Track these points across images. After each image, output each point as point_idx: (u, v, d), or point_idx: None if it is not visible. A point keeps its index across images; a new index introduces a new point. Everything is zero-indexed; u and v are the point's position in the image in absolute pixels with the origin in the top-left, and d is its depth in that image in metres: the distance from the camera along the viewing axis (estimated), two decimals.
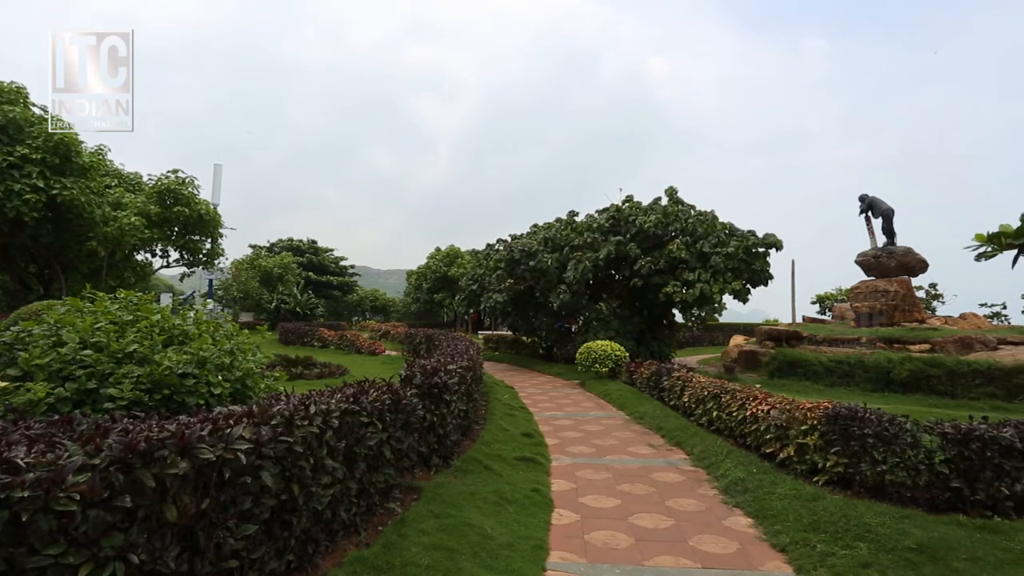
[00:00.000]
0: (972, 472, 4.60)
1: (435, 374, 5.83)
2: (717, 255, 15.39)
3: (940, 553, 3.84)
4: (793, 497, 4.92)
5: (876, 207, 18.17)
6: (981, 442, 4.62)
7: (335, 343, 22.95)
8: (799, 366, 13.85)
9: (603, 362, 13.66)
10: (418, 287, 46.25)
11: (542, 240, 19.10)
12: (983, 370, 11.68)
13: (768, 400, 6.50)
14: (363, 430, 4.11)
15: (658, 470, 6.40)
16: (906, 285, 16.98)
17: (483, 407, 9.12)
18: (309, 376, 13.11)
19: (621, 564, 4.00)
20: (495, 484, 5.38)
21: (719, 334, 30.31)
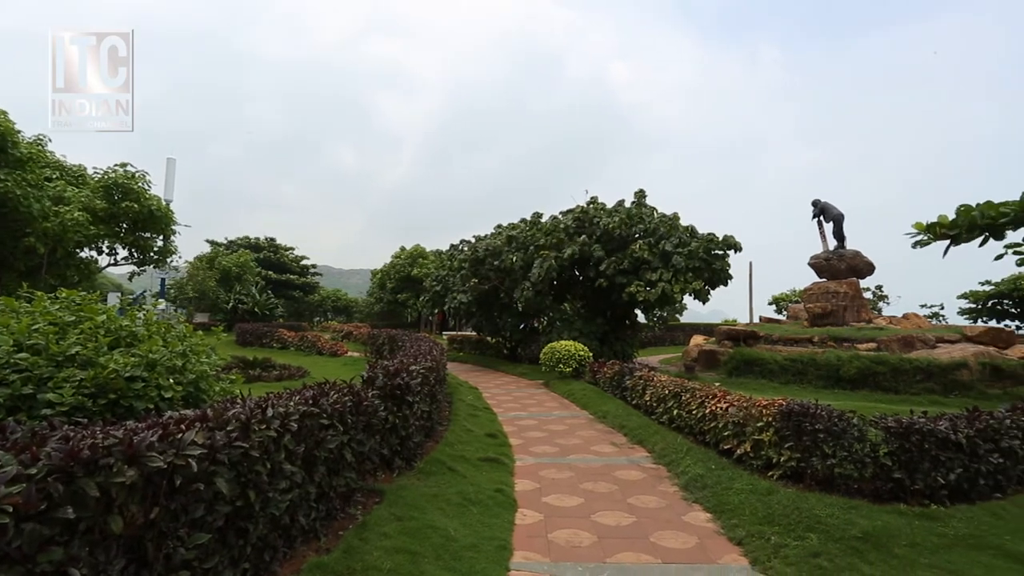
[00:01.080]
0: (912, 463, 4.85)
1: (398, 375, 5.76)
2: (679, 255, 15.74)
3: (883, 540, 4.04)
4: (749, 492, 5.07)
5: (828, 212, 18.94)
6: (920, 435, 4.87)
7: (295, 344, 22.37)
8: (756, 365, 14.31)
9: (567, 362, 13.78)
10: (381, 287, 45.55)
11: (507, 240, 19.12)
12: (923, 367, 12.33)
13: (726, 398, 6.69)
14: (323, 433, 4.02)
15: (621, 468, 6.50)
16: (855, 287, 17.76)
17: (447, 408, 9.06)
18: (268, 378, 12.73)
19: (584, 562, 4.04)
20: (459, 485, 5.35)
21: (680, 334, 30.99)
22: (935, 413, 5.42)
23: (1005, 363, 12.45)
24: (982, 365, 12.30)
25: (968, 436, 5.01)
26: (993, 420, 5.34)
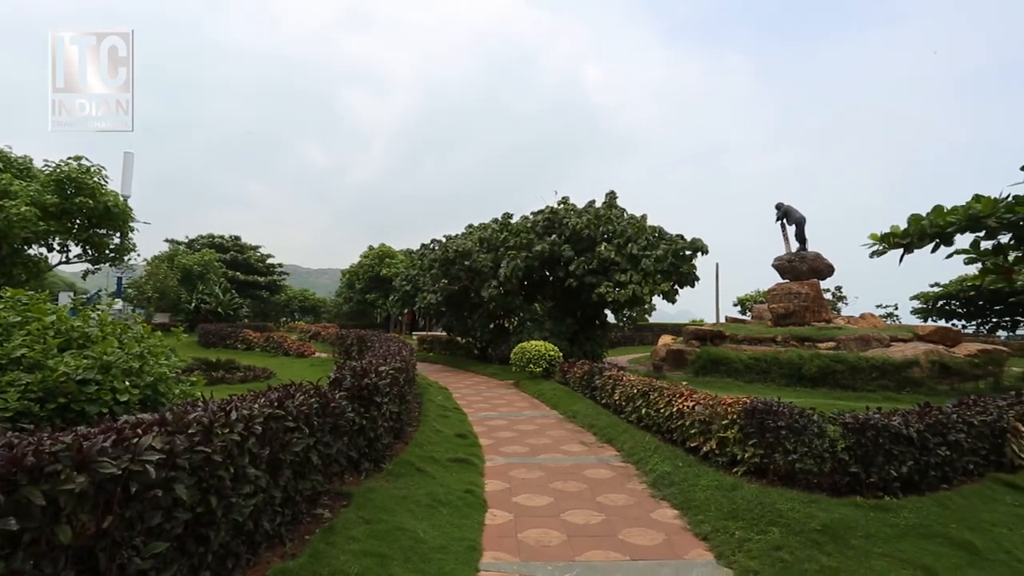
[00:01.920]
0: (868, 457, 5.03)
1: (366, 376, 5.68)
2: (647, 258, 15.99)
3: (840, 532, 4.18)
4: (715, 488, 5.18)
5: (790, 215, 19.54)
6: (875, 430, 5.06)
7: (261, 345, 21.83)
8: (722, 364, 14.65)
9: (537, 362, 13.83)
10: (350, 287, 44.87)
11: (477, 240, 19.09)
12: (878, 365, 12.85)
13: (693, 397, 6.82)
14: (289, 436, 3.92)
15: (590, 467, 6.55)
16: (816, 288, 18.37)
17: (416, 409, 8.98)
18: (231, 380, 12.39)
19: (554, 561, 4.05)
20: (428, 487, 5.31)
21: (649, 334, 31.51)
22: (889, 409, 5.63)
23: (952, 361, 13.08)
24: (932, 363, 12.89)
25: (919, 431, 5.23)
26: (941, 415, 5.59)
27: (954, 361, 13.09)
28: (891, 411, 5.51)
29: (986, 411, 6.01)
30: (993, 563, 3.94)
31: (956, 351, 13.94)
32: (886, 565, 3.79)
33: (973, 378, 12.96)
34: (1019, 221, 8.05)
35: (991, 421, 5.88)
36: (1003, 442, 5.92)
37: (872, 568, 3.75)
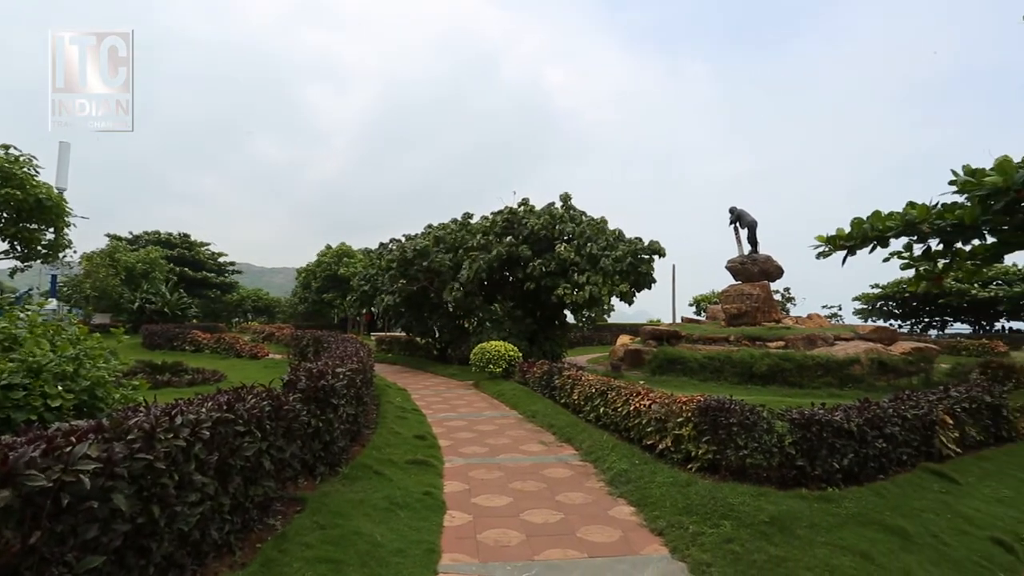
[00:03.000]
0: (812, 451, 5.26)
1: (322, 377, 5.54)
2: (606, 259, 16.24)
3: (787, 523, 4.36)
4: (670, 484, 5.31)
5: (743, 218, 20.25)
6: (819, 425, 5.31)
7: (211, 347, 20.96)
8: (678, 363, 15.03)
9: (497, 362, 13.83)
10: (306, 286, 43.69)
11: (435, 240, 18.95)
12: (823, 363, 13.47)
13: (649, 396, 6.96)
14: (239, 440, 3.78)
15: (549, 466, 6.60)
16: (766, 289, 19.09)
17: (374, 411, 8.83)
18: (178, 384, 11.85)
19: (512, 561, 4.06)
20: (386, 489, 5.22)
21: (607, 334, 32.00)
22: (832, 405, 5.91)
23: (889, 358, 13.85)
24: (871, 360, 13.61)
25: (859, 425, 5.52)
26: (879, 410, 5.92)
27: (891, 359, 13.86)
28: (834, 407, 5.79)
29: (918, 405, 6.39)
30: (922, 547, 4.19)
31: (893, 349, 14.77)
32: (828, 553, 3.98)
33: (907, 374, 13.76)
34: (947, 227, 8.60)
35: (922, 415, 6.26)
36: (933, 434, 6.31)
37: (815, 556, 3.93)
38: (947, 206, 8.59)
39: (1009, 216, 7.89)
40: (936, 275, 10.04)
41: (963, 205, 8.32)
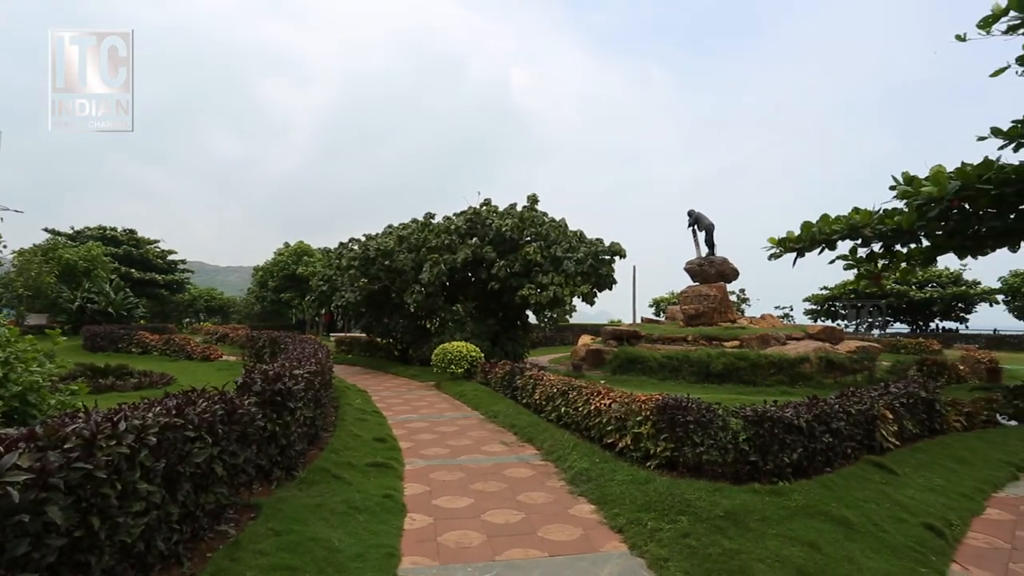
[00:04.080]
0: (765, 447, 5.45)
1: (278, 380, 5.38)
2: (568, 260, 16.40)
3: (741, 517, 4.50)
4: (630, 482, 5.40)
5: (701, 221, 20.83)
6: (771, 422, 5.50)
7: (160, 349, 20.07)
8: (638, 362, 15.33)
9: (459, 363, 13.77)
10: (263, 286, 42.37)
11: (398, 240, 18.72)
12: (775, 361, 13.99)
13: (610, 395, 7.07)
14: (189, 446, 3.63)
15: (510, 466, 6.61)
16: (723, 290, 19.69)
17: (333, 413, 8.64)
18: (123, 388, 11.29)
19: (474, 562, 4.04)
20: (344, 493, 5.12)
21: (569, 334, 32.32)
22: (784, 402, 6.14)
23: (836, 357, 14.51)
24: (820, 359, 14.23)
25: (808, 421, 5.75)
26: (826, 406, 6.18)
27: (837, 357, 14.53)
28: (785, 404, 6.00)
29: (861, 401, 6.71)
30: (864, 535, 4.41)
31: (839, 348, 15.49)
32: (778, 544, 4.13)
33: (853, 372, 14.46)
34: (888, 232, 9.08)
35: (865, 410, 6.58)
36: (874, 428, 6.64)
37: (767, 547, 4.07)
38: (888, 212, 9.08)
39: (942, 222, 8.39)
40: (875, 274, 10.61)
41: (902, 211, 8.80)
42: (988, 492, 5.94)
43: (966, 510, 5.32)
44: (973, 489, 5.88)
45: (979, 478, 6.24)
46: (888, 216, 8.94)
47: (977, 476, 6.29)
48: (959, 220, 8.33)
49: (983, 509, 5.47)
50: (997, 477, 6.39)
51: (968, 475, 6.28)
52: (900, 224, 8.61)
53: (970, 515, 5.24)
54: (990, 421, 8.66)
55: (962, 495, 5.66)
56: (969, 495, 5.70)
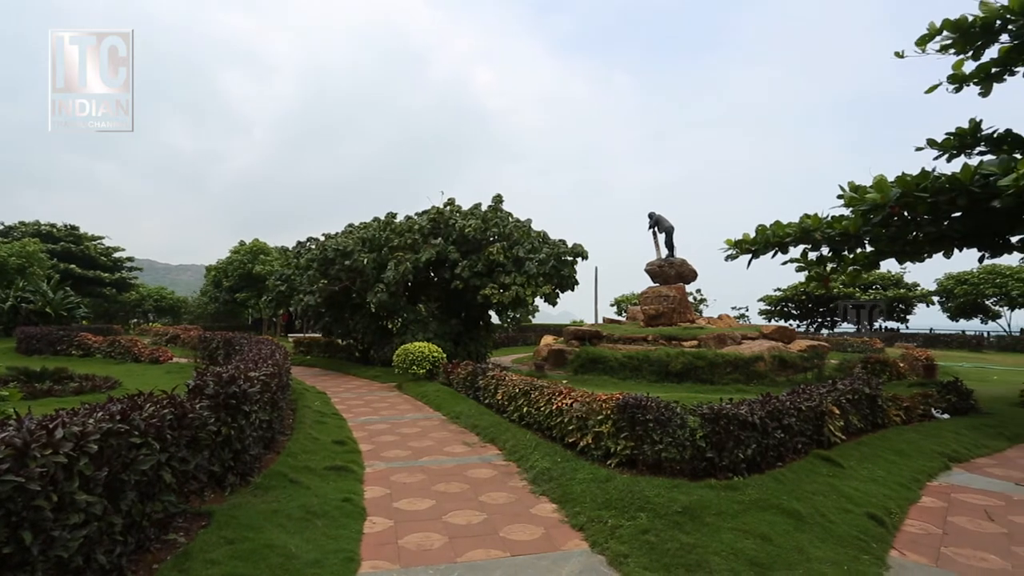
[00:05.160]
0: (721, 443, 5.61)
1: (233, 382, 5.19)
2: (531, 261, 16.48)
3: (698, 512, 4.62)
4: (591, 481, 5.46)
5: (661, 224, 21.29)
6: (727, 419, 5.67)
7: (104, 351, 19.09)
8: (599, 362, 15.53)
9: (421, 363, 13.64)
10: (217, 285, 40.86)
11: (359, 240, 18.39)
12: (732, 360, 14.43)
13: (571, 395, 7.13)
14: (134, 453, 3.46)
15: (473, 467, 6.59)
16: (682, 291, 20.18)
17: (290, 416, 8.41)
18: (61, 393, 10.67)
19: (435, 564, 4.01)
20: (302, 498, 4.99)
21: (532, 334, 32.49)
22: (739, 400, 6.33)
23: (788, 355, 15.10)
24: (773, 357, 14.77)
25: (761, 417, 5.95)
26: (778, 403, 6.41)
27: (789, 356, 15.12)
28: (740, 401, 6.19)
29: (811, 398, 7.00)
30: (812, 526, 4.60)
31: (791, 347, 16.11)
32: (733, 537, 4.26)
33: (803, 370, 15.07)
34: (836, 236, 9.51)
35: (814, 406, 6.87)
36: (822, 423, 6.93)
37: (722, 541, 4.19)
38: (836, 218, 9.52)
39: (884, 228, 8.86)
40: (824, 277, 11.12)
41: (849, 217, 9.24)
42: (924, 482, 6.31)
43: (904, 499, 5.63)
44: (910, 479, 6.22)
45: (916, 468, 6.61)
46: (836, 221, 9.38)
47: (914, 467, 6.66)
48: (900, 226, 8.82)
49: (919, 498, 5.80)
50: (932, 467, 6.79)
51: (906, 466, 6.64)
52: (847, 229, 9.05)
53: (908, 504, 5.55)
54: (926, 415, 9.18)
55: (901, 485, 5.98)
56: (907, 485, 6.03)
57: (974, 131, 9.72)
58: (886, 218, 8.55)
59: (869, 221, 8.72)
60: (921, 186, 8.08)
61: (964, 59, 9.62)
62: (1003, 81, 9.74)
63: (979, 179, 7.76)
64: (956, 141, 9.92)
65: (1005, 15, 8.82)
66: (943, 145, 10.07)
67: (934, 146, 10.15)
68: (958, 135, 9.86)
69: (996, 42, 9.31)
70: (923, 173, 8.27)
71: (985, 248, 9.77)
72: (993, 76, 9.65)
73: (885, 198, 8.30)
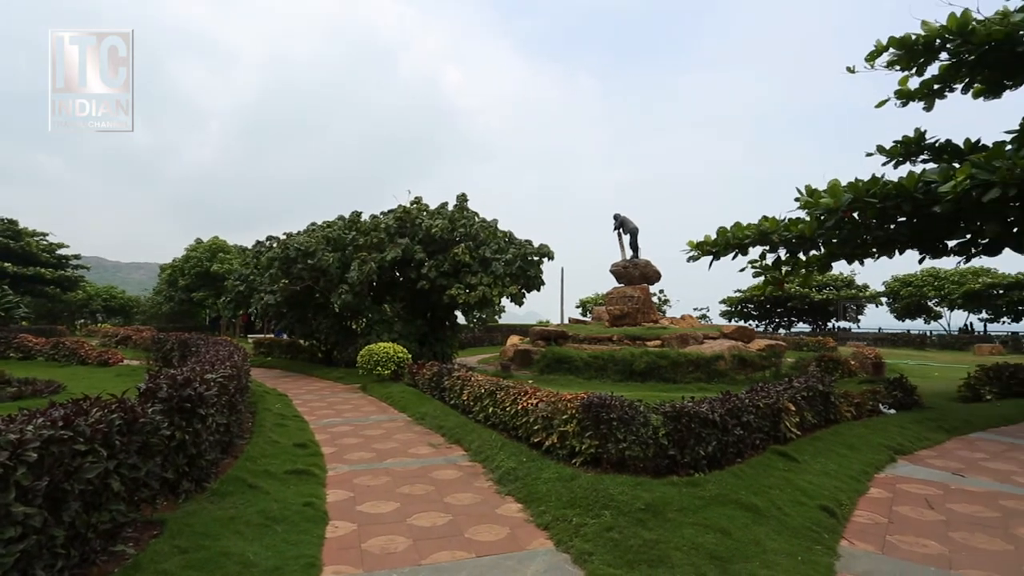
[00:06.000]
0: (683, 441, 5.74)
1: (188, 385, 5.01)
2: (497, 261, 16.48)
3: (660, 509, 4.70)
4: (556, 480, 5.49)
5: (626, 225, 21.60)
6: (688, 417, 5.80)
7: (46, 353, 18.13)
8: (565, 362, 15.65)
9: (385, 364, 13.46)
10: (172, 284, 39.33)
11: (323, 239, 18.02)
12: (693, 360, 14.77)
13: (537, 394, 7.16)
14: (79, 461, 3.29)
15: (438, 468, 6.54)
16: (646, 292, 20.53)
17: (250, 419, 8.17)
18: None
19: (399, 567, 3.96)
20: (261, 503, 4.85)
21: (498, 334, 32.48)
22: (700, 398, 6.48)
23: (748, 354, 15.56)
24: (733, 356, 15.19)
25: (721, 415, 6.11)
26: (738, 400, 6.60)
27: (749, 355, 15.58)
28: (701, 399, 6.34)
29: (768, 395, 7.23)
30: (769, 519, 4.75)
31: (750, 346, 16.61)
32: (694, 532, 4.35)
33: (762, 368, 15.56)
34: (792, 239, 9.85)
35: (772, 403, 7.09)
36: (779, 420, 7.17)
37: (683, 536, 4.28)
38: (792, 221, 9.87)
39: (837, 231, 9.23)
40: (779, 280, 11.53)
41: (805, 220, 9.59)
42: (872, 474, 6.61)
43: (854, 491, 5.88)
44: (860, 472, 6.50)
45: (865, 461, 6.91)
46: (793, 224, 9.72)
47: (863, 460, 6.96)
48: (851, 229, 9.21)
49: (868, 489, 6.07)
50: (879, 460, 7.12)
51: (856, 459, 6.93)
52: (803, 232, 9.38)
53: (857, 495, 5.80)
54: (874, 410, 9.61)
55: (851, 477, 6.25)
56: (856, 477, 6.30)
57: (919, 140, 10.26)
58: (839, 221, 8.92)
59: (823, 224, 9.08)
60: (871, 192, 8.46)
61: (909, 75, 10.14)
62: (944, 98, 10.32)
63: (922, 186, 8.18)
64: (902, 149, 10.45)
65: (944, 34, 9.33)
66: (891, 152, 10.59)
67: (883, 153, 10.66)
68: (904, 143, 10.38)
69: (937, 60, 9.85)
70: (873, 179, 8.67)
71: (926, 251, 10.31)
72: (935, 92, 10.22)
73: (838, 202, 8.66)
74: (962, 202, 7.63)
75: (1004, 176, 7.09)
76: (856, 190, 8.58)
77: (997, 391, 11.86)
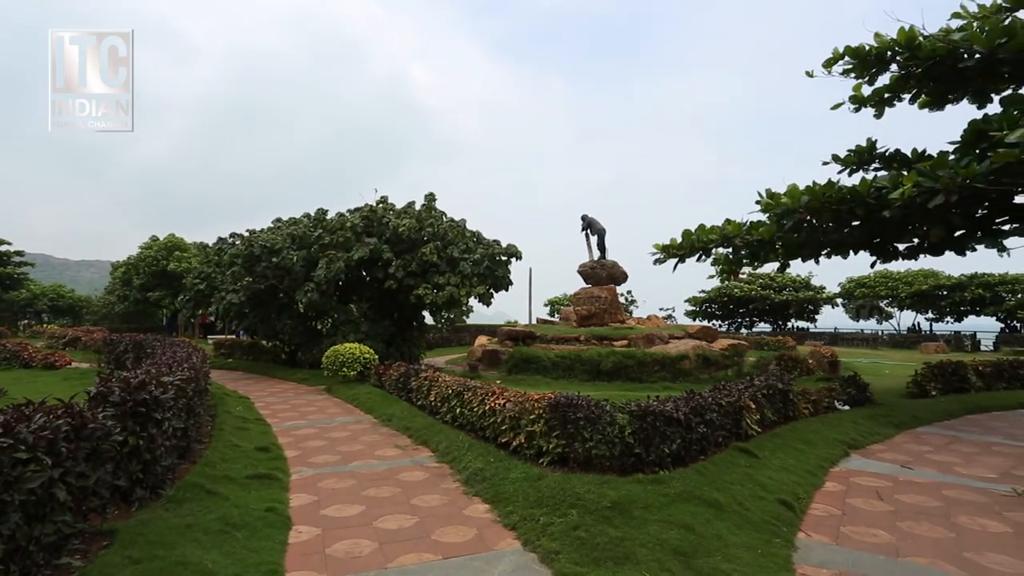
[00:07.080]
0: (648, 439, 5.83)
1: (143, 388, 4.81)
2: (465, 261, 16.41)
3: (626, 506, 4.77)
4: (523, 480, 5.50)
5: (593, 226, 21.81)
6: (654, 415, 5.89)
7: None
8: (532, 362, 15.69)
9: (351, 365, 13.24)
10: (126, 283, 37.69)
11: (288, 236, 17.60)
12: (659, 359, 15.02)
13: (504, 395, 7.16)
14: (19, 470, 3.11)
15: (404, 470, 6.47)
16: (613, 292, 20.77)
17: (209, 423, 7.91)
18: None
19: (364, 571, 3.90)
20: (220, 510, 4.69)
21: (466, 335, 32.34)
22: (665, 397, 6.60)
23: (711, 354, 15.93)
24: (698, 356, 15.52)
25: (685, 413, 6.23)
26: (701, 399, 6.75)
27: (712, 354, 15.96)
28: (666, 398, 6.45)
29: (731, 394, 7.42)
30: (731, 514, 4.88)
31: (714, 346, 17.01)
32: (659, 528, 4.43)
33: (725, 367, 15.95)
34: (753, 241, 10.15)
35: (734, 401, 7.28)
36: (741, 417, 7.37)
37: (648, 533, 4.35)
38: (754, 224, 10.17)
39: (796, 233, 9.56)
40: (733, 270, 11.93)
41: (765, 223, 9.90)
42: (827, 468, 6.87)
43: (811, 485, 6.10)
44: (816, 466, 6.75)
45: (821, 456, 7.17)
46: (754, 228, 10.01)
47: (819, 455, 7.23)
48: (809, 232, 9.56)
49: (823, 483, 6.30)
50: (834, 454, 7.40)
51: (813, 454, 7.19)
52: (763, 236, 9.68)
53: (813, 489, 6.02)
54: (830, 407, 9.98)
55: (808, 472, 6.47)
56: (813, 472, 6.54)
57: (871, 149, 10.75)
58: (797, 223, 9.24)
59: (783, 227, 9.39)
60: (827, 195, 8.80)
61: (862, 83, 10.63)
62: (893, 106, 10.90)
63: (874, 191, 8.56)
64: (856, 157, 10.92)
65: (894, 47, 9.83)
66: (845, 161, 11.05)
67: (838, 161, 11.12)
68: (857, 152, 10.86)
69: (888, 71, 10.37)
70: (829, 184, 9.02)
71: (878, 254, 10.79)
72: (885, 100, 10.77)
73: (796, 204, 8.97)
74: (910, 208, 8.02)
75: (947, 184, 7.48)
76: (813, 194, 8.91)
77: (941, 387, 12.51)
